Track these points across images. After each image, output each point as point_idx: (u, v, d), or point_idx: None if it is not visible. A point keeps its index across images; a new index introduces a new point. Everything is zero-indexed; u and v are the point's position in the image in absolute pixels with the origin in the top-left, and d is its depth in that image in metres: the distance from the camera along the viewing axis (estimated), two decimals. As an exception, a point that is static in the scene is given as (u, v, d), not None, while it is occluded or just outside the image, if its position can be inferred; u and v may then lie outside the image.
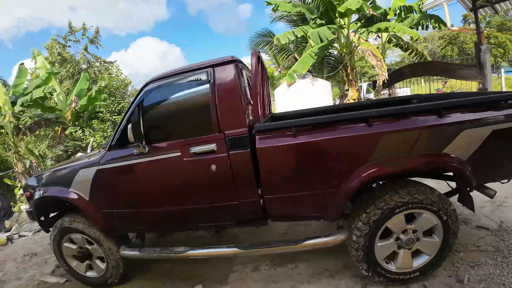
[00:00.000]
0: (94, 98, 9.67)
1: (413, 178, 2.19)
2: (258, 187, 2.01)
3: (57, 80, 9.83)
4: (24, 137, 10.15)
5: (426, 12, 5.99)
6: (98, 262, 2.62)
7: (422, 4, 5.96)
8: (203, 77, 2.01)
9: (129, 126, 1.99)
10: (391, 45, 8.34)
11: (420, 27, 6.35)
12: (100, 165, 2.27)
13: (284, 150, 1.89)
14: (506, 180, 2.26)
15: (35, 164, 8.82)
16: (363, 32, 7.13)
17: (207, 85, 2.00)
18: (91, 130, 10.77)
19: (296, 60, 8.58)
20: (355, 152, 1.92)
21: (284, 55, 10.53)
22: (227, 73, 2.00)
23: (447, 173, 2.35)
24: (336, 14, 6.69)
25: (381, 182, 2.28)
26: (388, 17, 7.04)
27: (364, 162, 1.89)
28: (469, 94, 3.18)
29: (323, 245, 2.08)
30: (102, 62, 13.97)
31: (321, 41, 5.88)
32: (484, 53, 5.02)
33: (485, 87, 5.19)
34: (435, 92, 11.57)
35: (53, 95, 8.98)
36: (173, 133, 2.17)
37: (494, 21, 25.07)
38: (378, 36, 8.17)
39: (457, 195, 2.33)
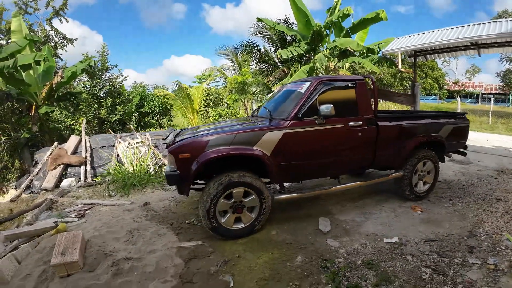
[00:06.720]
0: (74, 77, 9.11)
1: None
2: (374, 148, 3.64)
3: (34, 49, 8.79)
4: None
5: (385, 56, 8.95)
6: (247, 212, 3.09)
7: (380, 49, 8.87)
8: (352, 84, 3.55)
9: (331, 106, 3.03)
10: (349, 72, 11.30)
11: (377, 65, 9.27)
12: (287, 129, 3.09)
13: (389, 127, 3.71)
14: (451, 154, 4.74)
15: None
16: (338, 61, 9.69)
17: (354, 90, 3.55)
18: (66, 112, 9.87)
19: (284, 72, 10.61)
20: (412, 131, 3.93)
21: (264, 66, 12.39)
22: (363, 85, 3.61)
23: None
24: (325, 45, 9.01)
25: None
26: (355, 53, 9.84)
27: (415, 136, 3.93)
28: (429, 111, 5.78)
29: (397, 176, 3.93)
30: (62, 39, 12.51)
31: (322, 63, 8.03)
32: (416, 88, 8.12)
33: (415, 109, 8.29)
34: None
35: (39, 65, 8.11)
36: (339, 113, 3.24)
37: (407, 60, 34.20)
38: (342, 66, 10.99)
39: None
